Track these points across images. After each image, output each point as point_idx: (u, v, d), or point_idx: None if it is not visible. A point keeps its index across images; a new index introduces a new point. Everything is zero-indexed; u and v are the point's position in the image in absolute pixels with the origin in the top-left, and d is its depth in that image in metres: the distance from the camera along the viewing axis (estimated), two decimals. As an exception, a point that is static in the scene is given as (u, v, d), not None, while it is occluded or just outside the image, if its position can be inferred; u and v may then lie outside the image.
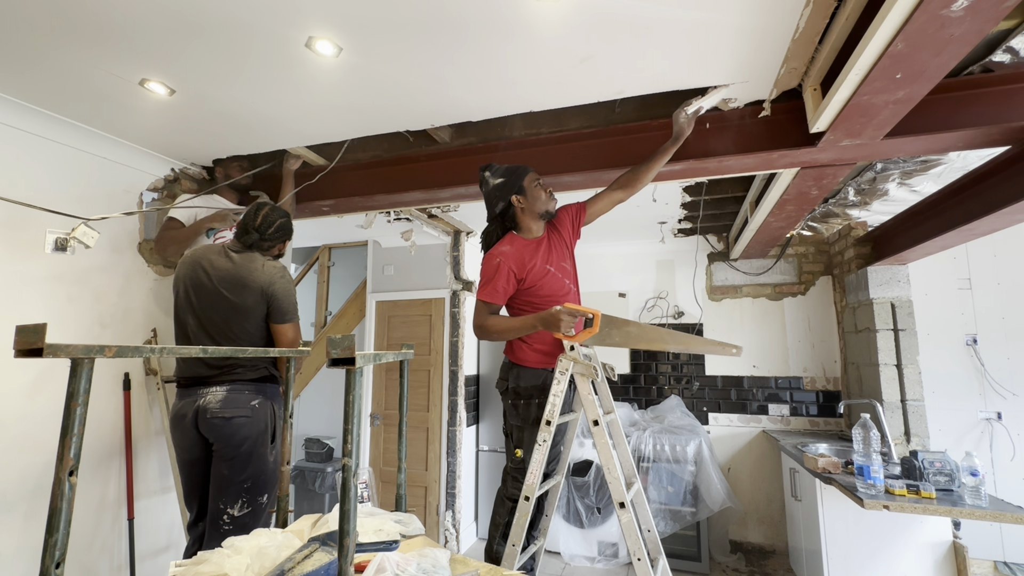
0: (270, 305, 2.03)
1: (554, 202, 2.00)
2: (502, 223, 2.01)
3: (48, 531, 0.83)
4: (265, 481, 1.95)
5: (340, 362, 0.97)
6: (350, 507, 0.96)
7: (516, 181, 1.93)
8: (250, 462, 1.92)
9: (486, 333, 1.87)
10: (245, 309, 2.00)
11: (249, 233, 2.06)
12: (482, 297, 1.88)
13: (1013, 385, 3.17)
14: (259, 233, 2.06)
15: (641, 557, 1.65)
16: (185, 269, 2.04)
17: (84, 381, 0.89)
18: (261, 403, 1.99)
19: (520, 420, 1.93)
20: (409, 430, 3.94)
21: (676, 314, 4.24)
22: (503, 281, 1.86)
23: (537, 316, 1.76)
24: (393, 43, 1.61)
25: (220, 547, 1.20)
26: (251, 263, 2.03)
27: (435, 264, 4.04)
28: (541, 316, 1.74)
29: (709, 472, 3.39)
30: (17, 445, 1.97)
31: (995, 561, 2.56)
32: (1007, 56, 1.64)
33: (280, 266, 2.09)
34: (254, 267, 2.02)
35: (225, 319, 1.99)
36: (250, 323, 2.02)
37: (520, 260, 1.89)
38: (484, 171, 1.99)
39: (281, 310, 2.04)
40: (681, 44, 1.62)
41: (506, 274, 1.86)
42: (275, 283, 2.02)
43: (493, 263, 1.87)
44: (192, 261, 2.04)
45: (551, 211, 2.00)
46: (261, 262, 2.05)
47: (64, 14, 1.48)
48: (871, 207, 2.82)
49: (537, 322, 1.75)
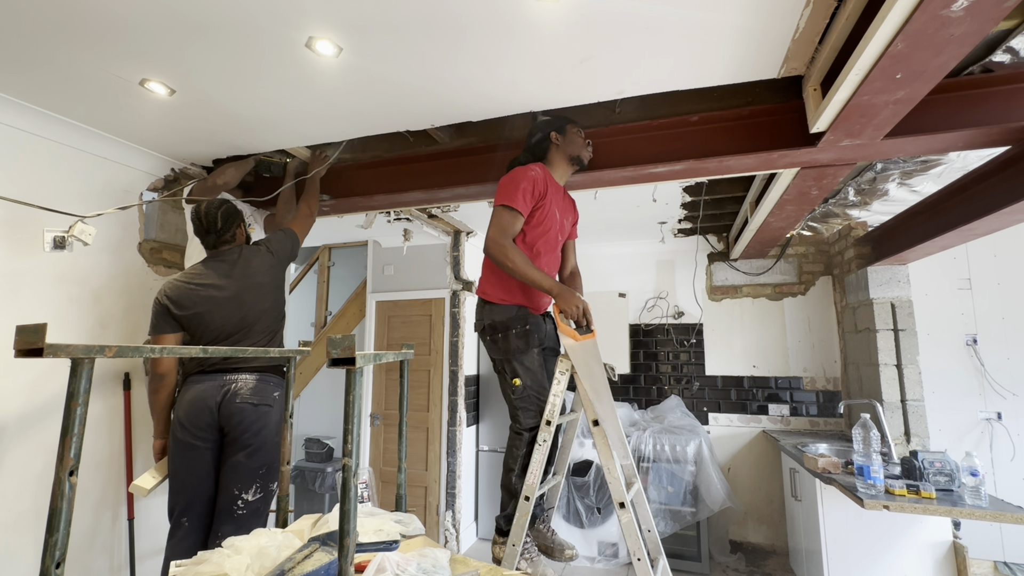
0: (275, 245, 2.22)
1: (588, 152, 2.01)
2: (533, 155, 2.02)
3: (48, 531, 0.83)
4: (276, 469, 2.03)
5: (340, 362, 0.97)
6: (350, 507, 0.96)
7: (560, 123, 1.98)
8: (267, 450, 2.01)
9: (504, 254, 1.77)
10: (260, 286, 2.12)
11: (207, 236, 2.13)
12: (505, 201, 1.82)
13: (1013, 385, 3.17)
14: (214, 233, 2.12)
15: (641, 557, 1.65)
16: (179, 293, 2.03)
17: (84, 381, 0.89)
18: (280, 395, 2.07)
19: (502, 353, 1.92)
20: (409, 430, 3.94)
21: (676, 314, 4.24)
22: (528, 193, 1.84)
23: (558, 283, 1.81)
24: (393, 43, 1.61)
25: (220, 547, 1.20)
26: (236, 255, 2.13)
27: (435, 264, 4.04)
28: (562, 286, 1.80)
29: (709, 472, 3.39)
30: (17, 445, 1.97)
31: (995, 561, 2.56)
32: (1007, 56, 1.64)
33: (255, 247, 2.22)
34: (242, 256, 2.13)
35: (244, 312, 2.07)
36: (264, 300, 2.13)
37: (544, 184, 1.90)
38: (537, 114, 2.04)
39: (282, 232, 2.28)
40: (681, 44, 1.62)
41: (531, 187, 1.85)
42: (263, 244, 2.21)
43: (523, 174, 1.86)
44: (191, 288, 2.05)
45: (583, 159, 2.01)
46: (238, 253, 2.15)
47: (64, 14, 1.48)
48: (871, 207, 2.82)
49: (554, 286, 1.78)
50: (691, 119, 2.07)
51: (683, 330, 4.21)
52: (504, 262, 1.79)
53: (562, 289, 1.79)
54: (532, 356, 1.91)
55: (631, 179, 2.28)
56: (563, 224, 2.03)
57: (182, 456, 1.97)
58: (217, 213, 2.13)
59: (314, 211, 2.46)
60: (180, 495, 1.96)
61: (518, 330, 1.89)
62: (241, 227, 2.23)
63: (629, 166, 2.14)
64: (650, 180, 2.27)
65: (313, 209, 2.45)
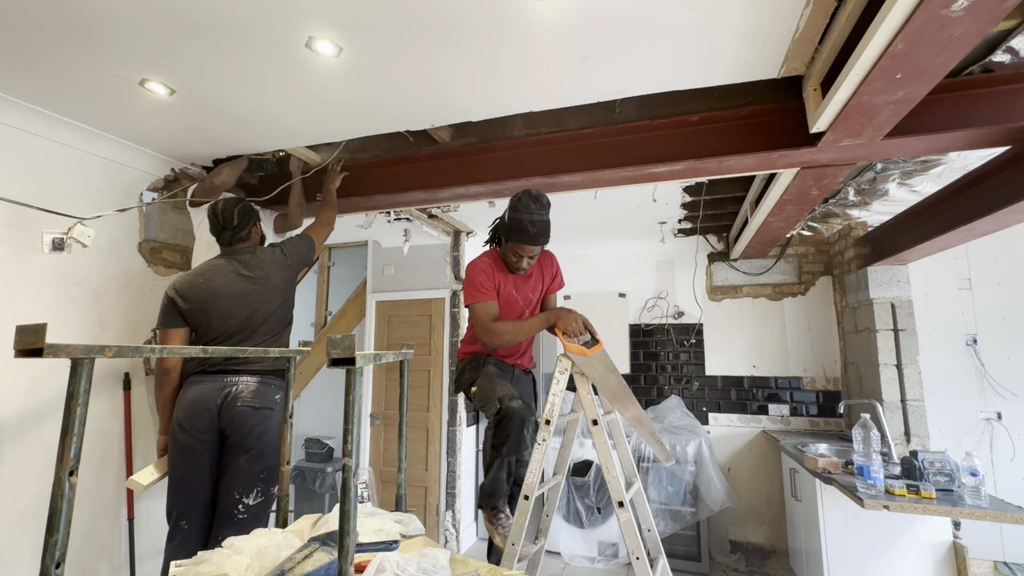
0: (290, 248, 2.23)
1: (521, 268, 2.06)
2: (494, 235, 2.18)
3: (48, 531, 0.83)
4: (277, 472, 2.02)
5: (340, 362, 0.97)
6: (350, 507, 0.96)
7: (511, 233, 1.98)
8: (268, 454, 2.00)
9: (497, 336, 1.90)
10: (270, 288, 2.13)
11: (223, 233, 2.14)
12: (475, 300, 1.97)
13: (1013, 385, 3.17)
14: (230, 230, 2.14)
15: (640, 556, 1.65)
16: (187, 286, 2.04)
17: (84, 381, 0.89)
18: (281, 398, 2.06)
19: (468, 388, 2.08)
20: (409, 430, 3.94)
21: (676, 314, 4.24)
22: (484, 282, 1.98)
23: (553, 310, 1.89)
24: (393, 43, 1.61)
25: (220, 547, 1.20)
26: (250, 255, 2.14)
27: (435, 264, 4.04)
28: (557, 310, 1.87)
29: (709, 472, 3.39)
30: (17, 445, 1.97)
31: (995, 561, 2.56)
32: (1007, 56, 1.64)
33: (270, 248, 2.24)
34: (255, 256, 2.15)
35: (250, 311, 2.08)
36: (273, 302, 2.14)
37: (492, 270, 2.04)
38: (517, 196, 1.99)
39: (299, 237, 2.30)
40: (681, 44, 1.62)
41: (484, 276, 2.00)
42: (279, 247, 2.23)
43: (474, 270, 2.03)
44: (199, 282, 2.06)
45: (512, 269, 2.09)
46: (252, 252, 2.16)
47: (64, 14, 1.48)
48: (871, 207, 2.82)
49: (548, 316, 1.87)
50: (691, 119, 2.07)
51: (683, 330, 4.21)
52: (502, 343, 1.92)
53: (553, 313, 1.86)
54: (488, 372, 2.03)
55: (631, 179, 2.28)
56: (527, 296, 2.14)
57: (181, 460, 1.95)
58: (234, 211, 2.14)
59: (332, 221, 2.48)
60: (179, 498, 1.95)
61: (473, 363, 2.10)
62: (257, 226, 2.24)
63: (629, 166, 2.14)
64: (650, 180, 2.28)
65: (331, 219, 2.48)
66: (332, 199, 2.51)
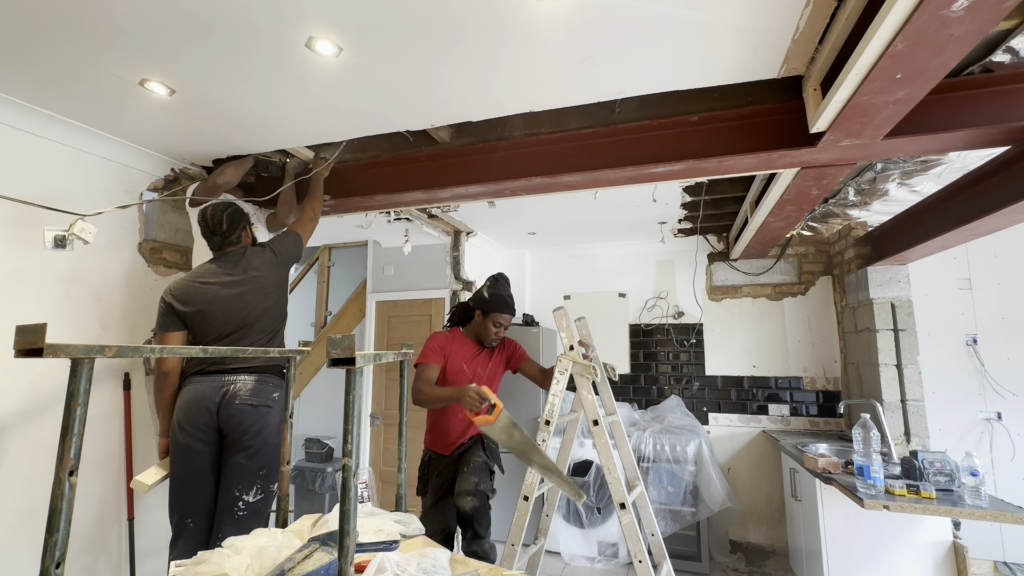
0: (278, 246, 2.24)
1: (492, 340, 2.41)
2: (461, 313, 2.51)
3: (48, 531, 0.83)
4: (276, 469, 2.03)
5: (340, 362, 0.97)
6: (350, 507, 0.96)
7: (490, 308, 2.36)
8: (267, 451, 2.01)
9: (418, 396, 2.20)
10: (263, 285, 2.14)
11: (213, 237, 2.16)
12: (421, 360, 2.31)
13: (1013, 385, 3.17)
14: (219, 235, 2.15)
15: (643, 559, 1.65)
16: (183, 290, 2.05)
17: (84, 381, 0.89)
18: (279, 396, 2.07)
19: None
20: (409, 430, 3.94)
21: (676, 314, 4.24)
22: (435, 352, 2.34)
23: (455, 388, 2.06)
24: (393, 43, 1.61)
25: (220, 547, 1.20)
26: (240, 256, 2.16)
27: (435, 264, 4.04)
28: (458, 388, 2.04)
29: (709, 472, 3.39)
30: (17, 445, 1.97)
31: (995, 561, 2.56)
32: (1007, 56, 1.64)
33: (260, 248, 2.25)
34: (245, 256, 2.16)
35: (246, 311, 2.09)
36: (267, 299, 2.15)
37: (450, 346, 2.39)
38: (493, 278, 2.42)
39: (285, 233, 2.31)
40: (681, 44, 1.62)
41: (437, 348, 2.35)
42: (267, 245, 2.24)
43: (434, 337, 2.40)
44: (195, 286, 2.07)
45: (486, 344, 2.42)
46: (242, 253, 2.17)
47: (64, 14, 1.48)
48: (871, 207, 2.82)
49: (454, 393, 2.04)
50: (691, 119, 2.07)
51: (683, 330, 4.21)
52: (419, 402, 2.20)
53: (454, 392, 2.03)
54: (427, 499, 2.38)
55: (631, 179, 2.28)
56: (476, 370, 2.40)
57: (182, 460, 1.96)
58: (223, 215, 2.15)
59: (317, 213, 2.46)
60: (181, 499, 1.96)
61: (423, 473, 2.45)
62: (247, 229, 2.25)
63: (629, 166, 2.14)
64: (650, 180, 2.28)
65: (316, 211, 2.46)
66: (318, 191, 2.49)
